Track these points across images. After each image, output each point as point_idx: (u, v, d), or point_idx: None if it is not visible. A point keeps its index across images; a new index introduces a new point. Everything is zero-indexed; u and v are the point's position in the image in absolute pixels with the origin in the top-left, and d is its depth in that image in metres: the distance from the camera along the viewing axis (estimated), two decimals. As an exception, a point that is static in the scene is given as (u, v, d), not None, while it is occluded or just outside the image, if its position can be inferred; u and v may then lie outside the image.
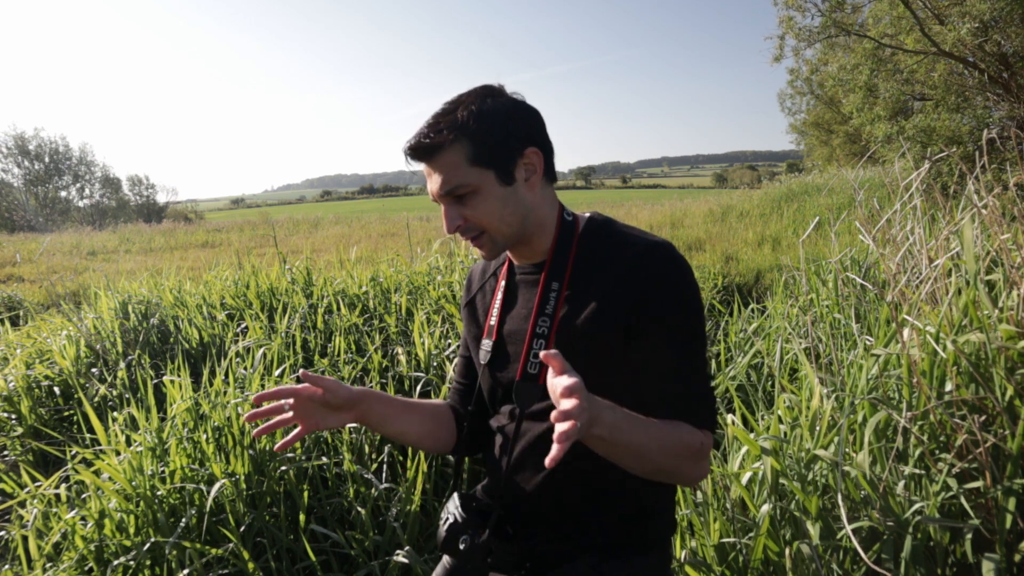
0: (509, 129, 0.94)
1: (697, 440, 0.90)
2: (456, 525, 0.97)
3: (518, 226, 0.97)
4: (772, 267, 5.87)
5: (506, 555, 0.96)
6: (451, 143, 0.91)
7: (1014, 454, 1.33)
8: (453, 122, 0.91)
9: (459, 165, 0.92)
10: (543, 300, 0.98)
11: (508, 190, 0.95)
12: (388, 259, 5.15)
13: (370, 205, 52.61)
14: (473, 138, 0.91)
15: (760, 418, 2.22)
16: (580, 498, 0.99)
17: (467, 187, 0.92)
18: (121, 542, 1.81)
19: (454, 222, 0.95)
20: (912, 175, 2.28)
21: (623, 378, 0.95)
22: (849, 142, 21.85)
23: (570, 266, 0.99)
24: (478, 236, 0.97)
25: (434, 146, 0.91)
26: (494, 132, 0.92)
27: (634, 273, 0.92)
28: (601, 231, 1.00)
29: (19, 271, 9.92)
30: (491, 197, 0.94)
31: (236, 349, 2.67)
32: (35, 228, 27.53)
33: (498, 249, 0.99)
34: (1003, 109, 7.01)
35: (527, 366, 0.98)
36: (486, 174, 0.93)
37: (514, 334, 1.04)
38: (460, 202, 0.94)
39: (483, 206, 0.94)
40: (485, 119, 0.92)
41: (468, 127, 0.91)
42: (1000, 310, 1.62)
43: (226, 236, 16.97)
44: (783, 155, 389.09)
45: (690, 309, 0.93)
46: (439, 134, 0.91)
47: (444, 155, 0.92)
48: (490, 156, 0.92)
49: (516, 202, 0.96)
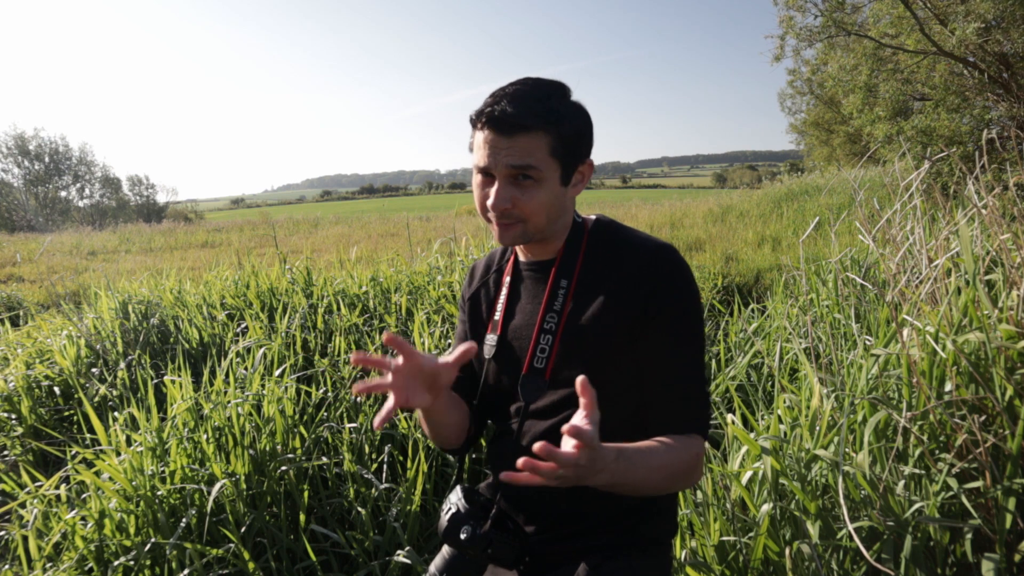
0: (587, 136, 0.97)
1: (691, 455, 0.92)
2: (458, 515, 0.97)
3: (551, 224, 0.99)
4: (772, 267, 5.87)
5: (506, 548, 0.96)
6: (541, 129, 0.92)
7: (1014, 454, 1.33)
8: (550, 110, 0.92)
9: (540, 150, 0.93)
10: (551, 297, 1.00)
11: (561, 190, 0.97)
12: (388, 259, 5.15)
13: (370, 205, 52.62)
14: (560, 132, 0.93)
15: (760, 418, 2.22)
16: (582, 498, 0.99)
17: (536, 172, 0.93)
18: (121, 542, 1.81)
19: (503, 202, 0.94)
20: (912, 175, 2.28)
21: (627, 376, 0.97)
22: (849, 142, 21.84)
23: (579, 265, 1.01)
24: (512, 223, 0.96)
25: (526, 126, 0.91)
26: (577, 134, 0.96)
27: (641, 273, 0.95)
28: (607, 233, 1.04)
29: (19, 271, 9.91)
30: (549, 191, 0.95)
31: (237, 349, 2.67)
32: (35, 228, 27.54)
33: (523, 239, 0.99)
34: (1003, 109, 7.01)
35: (533, 360, 1.00)
36: (555, 168, 0.95)
37: (518, 330, 1.05)
38: (516, 184, 0.94)
39: (539, 196, 0.94)
40: (575, 119, 0.95)
41: (561, 121, 0.93)
42: (1000, 310, 1.62)
43: (226, 236, 16.96)
44: (783, 155, 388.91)
45: (693, 312, 0.96)
46: (536, 117, 0.91)
47: (529, 136, 0.92)
48: (564, 154, 0.95)
49: (562, 203, 0.98)
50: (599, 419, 0.73)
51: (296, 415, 2.22)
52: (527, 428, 1.02)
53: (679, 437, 0.93)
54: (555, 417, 1.00)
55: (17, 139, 34.73)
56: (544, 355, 0.99)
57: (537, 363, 0.99)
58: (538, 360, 0.99)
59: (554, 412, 1.00)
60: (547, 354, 0.99)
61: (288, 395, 2.23)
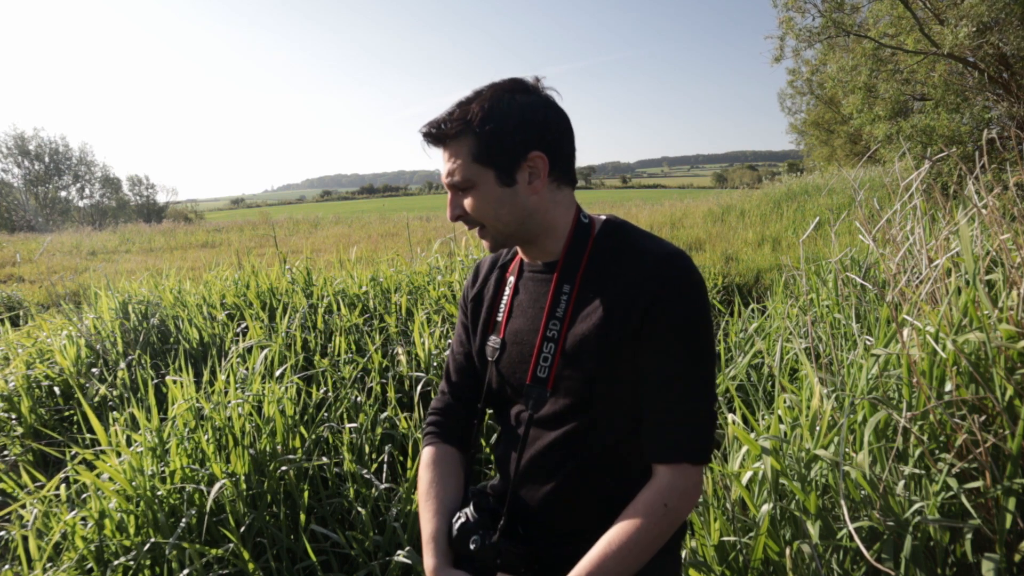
0: (515, 132, 0.92)
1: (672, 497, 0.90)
2: (468, 525, 0.97)
3: (516, 226, 0.97)
4: (772, 267, 5.88)
5: (514, 556, 0.96)
6: (457, 136, 0.93)
7: (1014, 454, 1.33)
8: (463, 116, 0.92)
9: (463, 160, 0.93)
10: (554, 303, 0.98)
11: (507, 191, 0.94)
12: (388, 259, 5.15)
13: (370, 205, 52.62)
14: (478, 136, 0.92)
15: (760, 418, 2.22)
16: (590, 505, 0.99)
17: (466, 182, 0.94)
18: (121, 542, 1.81)
19: (455, 211, 0.98)
20: (912, 175, 2.28)
21: (629, 387, 0.94)
22: (849, 142, 21.84)
23: (583, 268, 0.98)
24: (481, 229, 0.99)
25: (441, 135, 0.94)
26: (498, 133, 0.92)
27: (648, 281, 0.90)
28: (616, 235, 0.99)
29: (19, 271, 9.91)
30: (488, 196, 0.95)
31: (237, 349, 2.67)
32: (35, 228, 27.54)
33: (499, 244, 1.00)
34: (1003, 109, 7.01)
35: (537, 369, 0.98)
36: (486, 173, 0.93)
37: (521, 332, 1.03)
38: (460, 195, 0.97)
39: (479, 203, 0.95)
40: (493, 119, 0.91)
41: (473, 125, 0.92)
42: (1000, 310, 1.62)
43: (226, 236, 16.96)
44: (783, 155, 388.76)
45: (699, 325, 0.91)
46: (449, 125, 0.93)
47: (451, 146, 0.94)
48: (490, 156, 0.93)
49: (515, 204, 0.95)
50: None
51: (296, 415, 2.22)
52: (533, 437, 1.01)
53: (663, 470, 0.91)
54: (559, 429, 0.98)
55: (17, 139, 34.73)
56: (547, 364, 0.96)
57: (540, 372, 0.97)
58: (541, 369, 0.97)
59: (558, 423, 0.98)
60: (549, 363, 0.96)
61: (288, 395, 2.23)
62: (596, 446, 0.97)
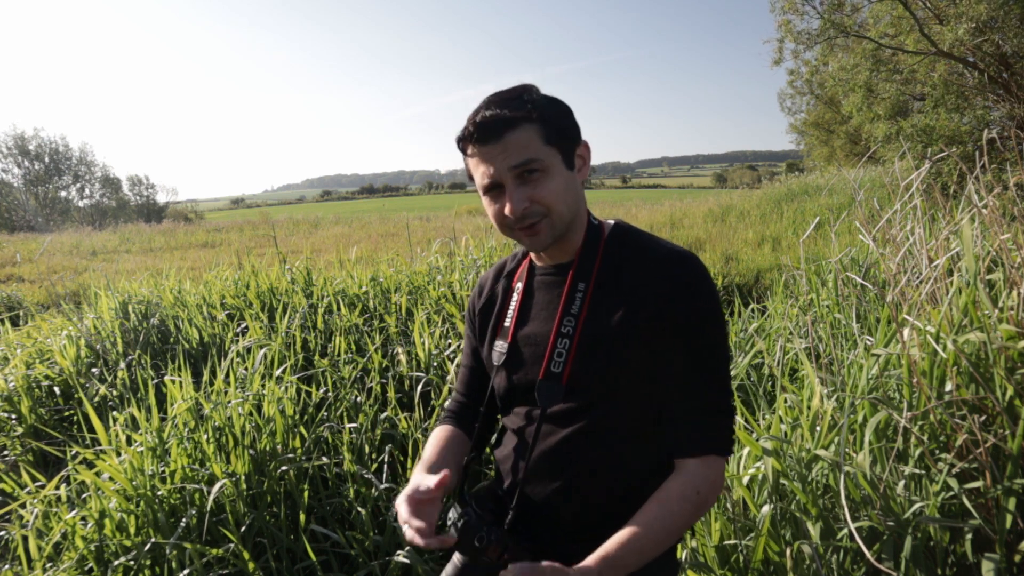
0: (569, 118, 0.98)
1: (704, 484, 0.91)
2: (471, 523, 0.96)
3: (571, 215, 0.98)
4: (772, 267, 5.88)
5: (521, 552, 0.95)
6: (527, 120, 0.93)
7: (1014, 454, 1.33)
8: (527, 103, 0.94)
9: (534, 142, 0.93)
10: (569, 300, 0.99)
11: (570, 175, 0.97)
12: (388, 259, 5.15)
13: (370, 205, 52.61)
14: (545, 119, 0.94)
15: (761, 418, 2.22)
16: (600, 502, 0.99)
17: (540, 163, 0.93)
18: (121, 542, 1.81)
19: (521, 203, 0.93)
20: (912, 175, 2.28)
21: (644, 385, 0.95)
22: (849, 142, 21.84)
23: (596, 269, 1.00)
24: (537, 222, 0.95)
25: (513, 120, 0.92)
26: (561, 117, 0.97)
27: (660, 280, 0.93)
28: (627, 238, 1.02)
29: (19, 271, 9.92)
30: (559, 177, 0.95)
31: (237, 349, 2.67)
32: (35, 228, 27.55)
33: (553, 235, 0.97)
34: (1003, 109, 7.01)
35: (551, 364, 0.98)
36: (555, 155, 0.95)
37: (532, 336, 1.03)
38: (526, 182, 0.94)
39: (551, 185, 0.94)
40: (554, 105, 0.97)
41: (542, 108, 0.94)
42: (1000, 310, 1.62)
43: (226, 236, 16.97)
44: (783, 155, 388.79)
45: (714, 322, 0.94)
46: (517, 110, 0.93)
47: (519, 131, 0.92)
48: (559, 138, 0.95)
49: (575, 188, 0.98)
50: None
51: (296, 415, 2.22)
52: (544, 432, 1.01)
53: (691, 462, 0.92)
54: (570, 427, 0.98)
55: (17, 139, 34.73)
56: (561, 359, 0.97)
57: (554, 367, 0.98)
58: (555, 364, 0.98)
59: (569, 421, 0.98)
60: (564, 359, 0.97)
61: (288, 395, 2.23)
62: (606, 443, 0.97)
